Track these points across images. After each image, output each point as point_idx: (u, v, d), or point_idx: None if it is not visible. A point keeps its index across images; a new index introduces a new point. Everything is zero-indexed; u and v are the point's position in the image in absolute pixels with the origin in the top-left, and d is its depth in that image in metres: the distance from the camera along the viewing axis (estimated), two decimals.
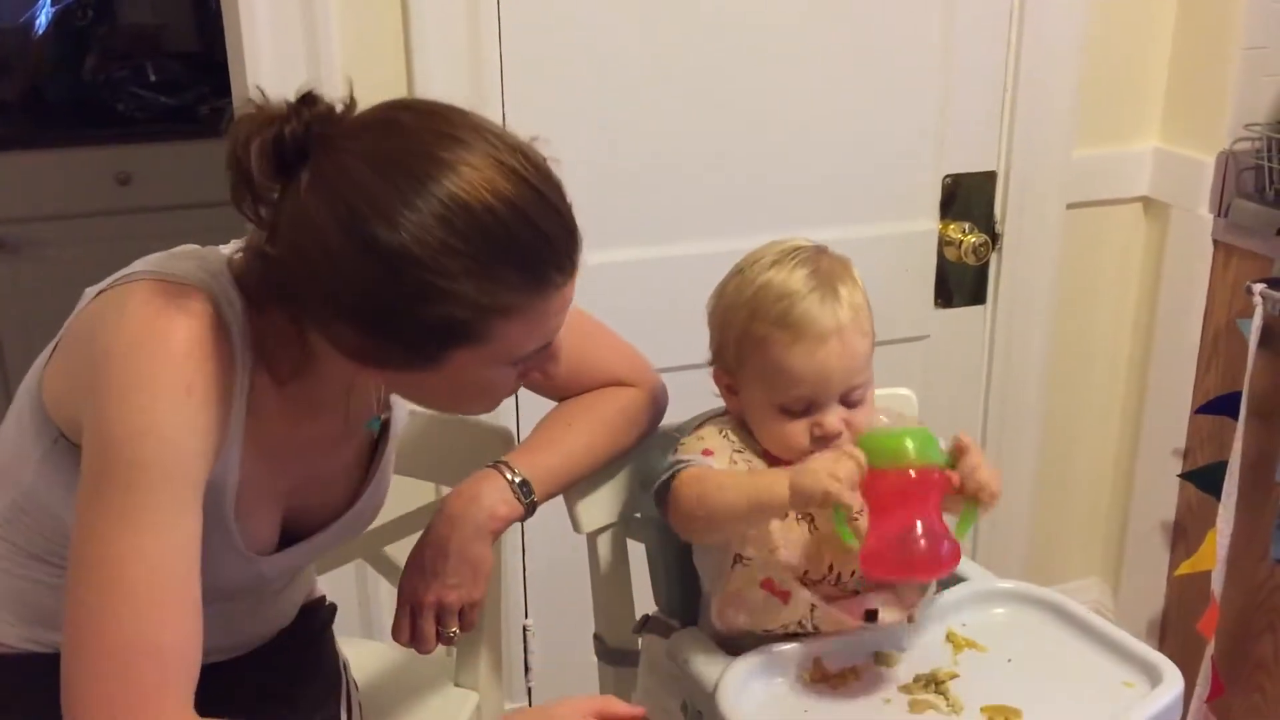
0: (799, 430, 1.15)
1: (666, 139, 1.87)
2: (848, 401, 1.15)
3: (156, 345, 0.95)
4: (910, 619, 1.16)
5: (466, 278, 0.93)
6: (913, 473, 1.06)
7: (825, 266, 1.16)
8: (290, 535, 1.16)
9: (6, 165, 2.85)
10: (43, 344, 1.15)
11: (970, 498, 1.09)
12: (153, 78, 2.99)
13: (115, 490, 0.93)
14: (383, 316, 0.95)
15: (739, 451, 1.18)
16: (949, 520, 1.09)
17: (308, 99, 0.96)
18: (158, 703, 0.93)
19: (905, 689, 1.11)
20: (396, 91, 1.72)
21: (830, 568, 1.14)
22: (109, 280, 1.03)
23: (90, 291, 1.05)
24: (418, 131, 0.95)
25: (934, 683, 1.11)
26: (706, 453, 1.18)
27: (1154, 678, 1.10)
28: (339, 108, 0.98)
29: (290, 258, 0.95)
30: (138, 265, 1.03)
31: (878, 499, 1.07)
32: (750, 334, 1.15)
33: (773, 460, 1.18)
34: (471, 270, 0.93)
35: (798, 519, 1.13)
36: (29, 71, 3.12)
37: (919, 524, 1.05)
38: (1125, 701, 1.08)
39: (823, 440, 1.14)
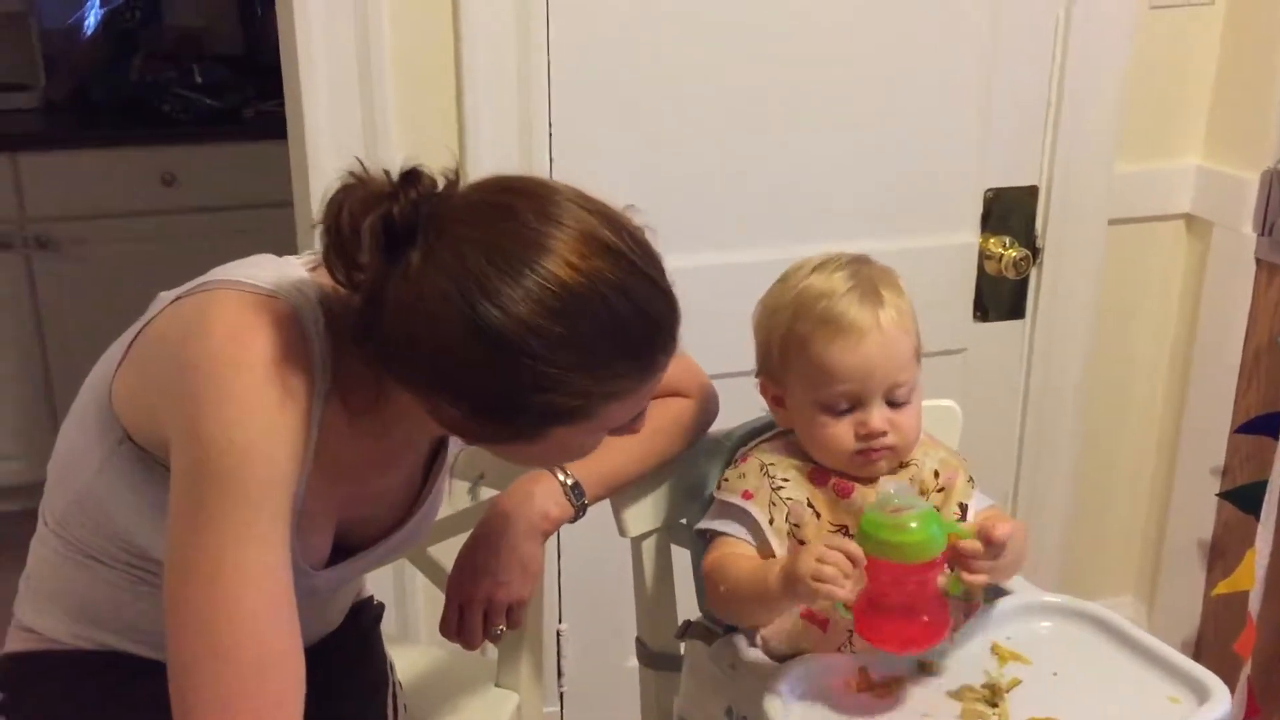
0: (843, 431, 1.16)
1: (709, 150, 1.88)
2: (892, 400, 1.16)
3: (248, 356, 0.94)
4: (950, 637, 1.17)
5: (578, 367, 0.94)
6: (910, 565, 1.07)
7: (866, 272, 1.18)
8: (340, 548, 1.17)
9: (53, 164, 2.90)
10: (86, 342, 1.15)
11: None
12: (198, 79, 3.02)
13: (217, 502, 0.92)
14: (492, 403, 0.95)
15: (779, 489, 1.18)
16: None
17: (413, 176, 0.96)
18: (281, 714, 0.93)
19: (956, 696, 1.11)
20: (444, 89, 1.75)
21: None
22: (186, 287, 1.03)
23: (166, 296, 1.05)
24: (525, 217, 0.94)
25: (994, 691, 1.11)
26: (746, 495, 1.19)
27: (1200, 694, 1.10)
28: (441, 183, 0.97)
29: (397, 334, 0.95)
30: (217, 273, 1.03)
31: (875, 583, 1.08)
32: (793, 334, 1.17)
33: (821, 481, 1.18)
34: (583, 360, 0.94)
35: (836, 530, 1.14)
36: (76, 72, 3.16)
37: (915, 605, 1.07)
38: (1172, 717, 1.08)
39: (868, 439, 1.15)
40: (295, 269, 1.05)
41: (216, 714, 0.91)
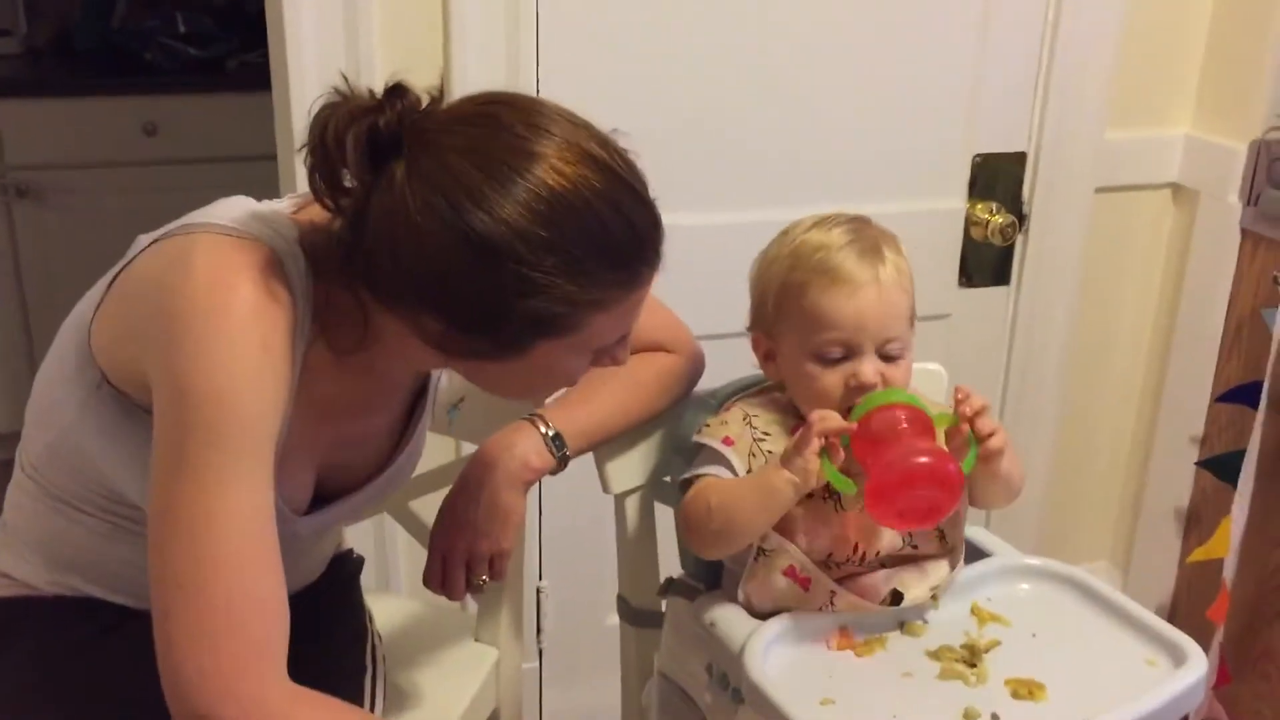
0: (834, 381, 1.15)
1: (696, 111, 1.86)
2: (884, 354, 1.15)
3: (230, 301, 0.94)
4: (934, 598, 1.17)
5: (563, 272, 0.94)
6: (902, 411, 1.08)
7: (868, 231, 1.19)
8: (321, 495, 1.17)
9: (34, 111, 2.86)
10: (66, 291, 1.14)
11: (970, 438, 1.11)
12: (182, 29, 2.98)
13: (198, 448, 0.92)
14: (477, 310, 0.95)
15: (760, 441, 1.18)
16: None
17: (398, 90, 0.96)
18: (264, 658, 0.93)
19: (934, 656, 1.12)
20: (431, 36, 1.73)
21: (856, 548, 1.15)
22: (164, 230, 1.03)
23: (144, 239, 1.04)
24: (512, 125, 0.95)
25: (973, 651, 1.11)
26: (727, 441, 1.19)
27: (1177, 658, 1.11)
28: (426, 99, 0.97)
29: (381, 249, 0.95)
30: (196, 216, 1.02)
31: (871, 440, 1.08)
32: (789, 283, 1.17)
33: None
34: (569, 265, 0.94)
35: (824, 498, 1.14)
36: (60, 18, 3.12)
37: (918, 444, 1.06)
38: (1149, 680, 1.09)
39: (858, 390, 1.14)
40: (274, 210, 1.04)
41: (199, 658, 0.91)
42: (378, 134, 0.94)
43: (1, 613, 1.18)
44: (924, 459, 1.05)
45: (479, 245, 0.92)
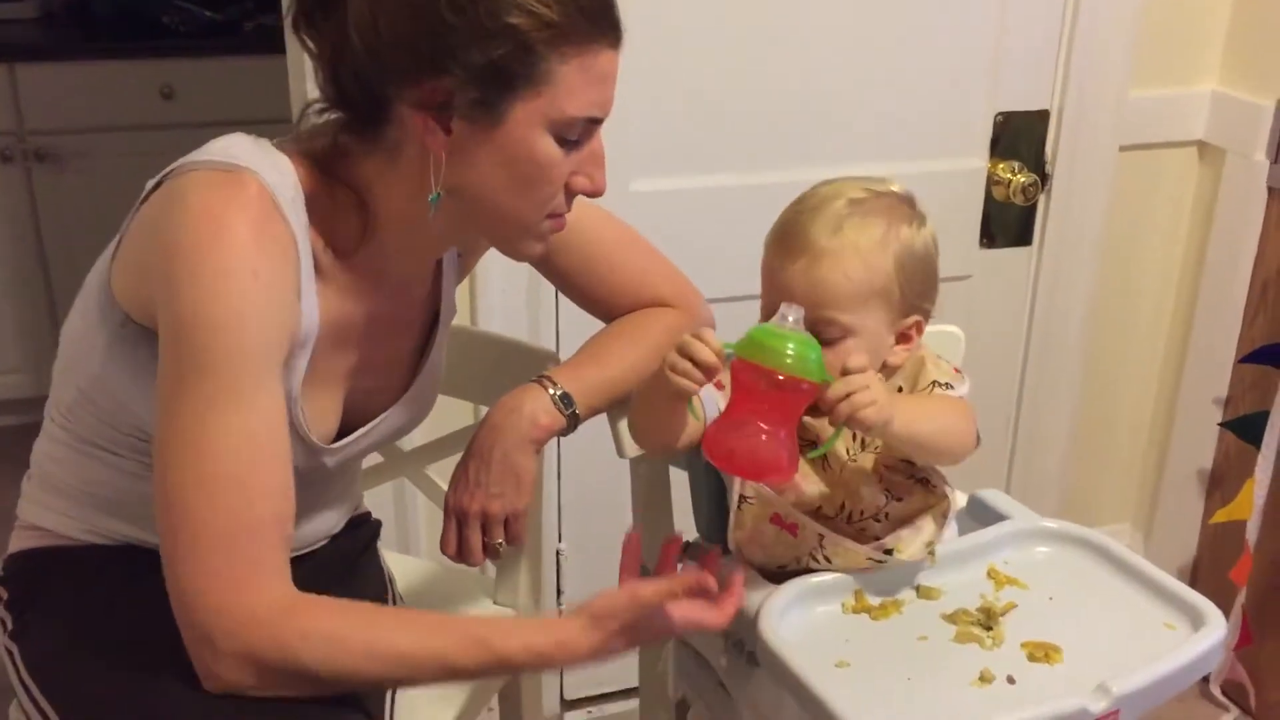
0: None
1: (719, 71, 1.84)
2: (818, 335, 1.08)
3: (219, 233, 0.98)
4: (931, 554, 1.16)
5: None
6: (780, 376, 1.02)
7: (867, 205, 1.14)
8: (348, 427, 1.19)
9: (51, 75, 2.86)
10: (86, 255, 1.17)
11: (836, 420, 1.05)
12: None
13: (194, 376, 0.97)
14: (452, 36, 0.99)
15: None
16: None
17: None
18: (261, 574, 0.98)
19: (950, 619, 1.11)
20: None
21: (843, 506, 1.15)
22: (164, 171, 1.06)
23: (150, 184, 1.08)
24: None
25: (989, 615, 1.11)
26: (718, 385, 1.17)
27: (1195, 621, 1.10)
28: None
29: (369, 31, 1.00)
30: (192, 155, 1.05)
31: (740, 389, 1.06)
32: (767, 238, 1.18)
33: None
34: None
35: (804, 452, 1.10)
36: None
37: (762, 424, 1.03)
38: (1166, 643, 1.08)
39: None
40: (265, 142, 1.08)
41: (195, 577, 0.97)
42: None
43: (34, 562, 1.20)
44: (753, 445, 1.03)
45: None
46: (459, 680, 1.16)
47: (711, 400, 1.15)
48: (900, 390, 1.18)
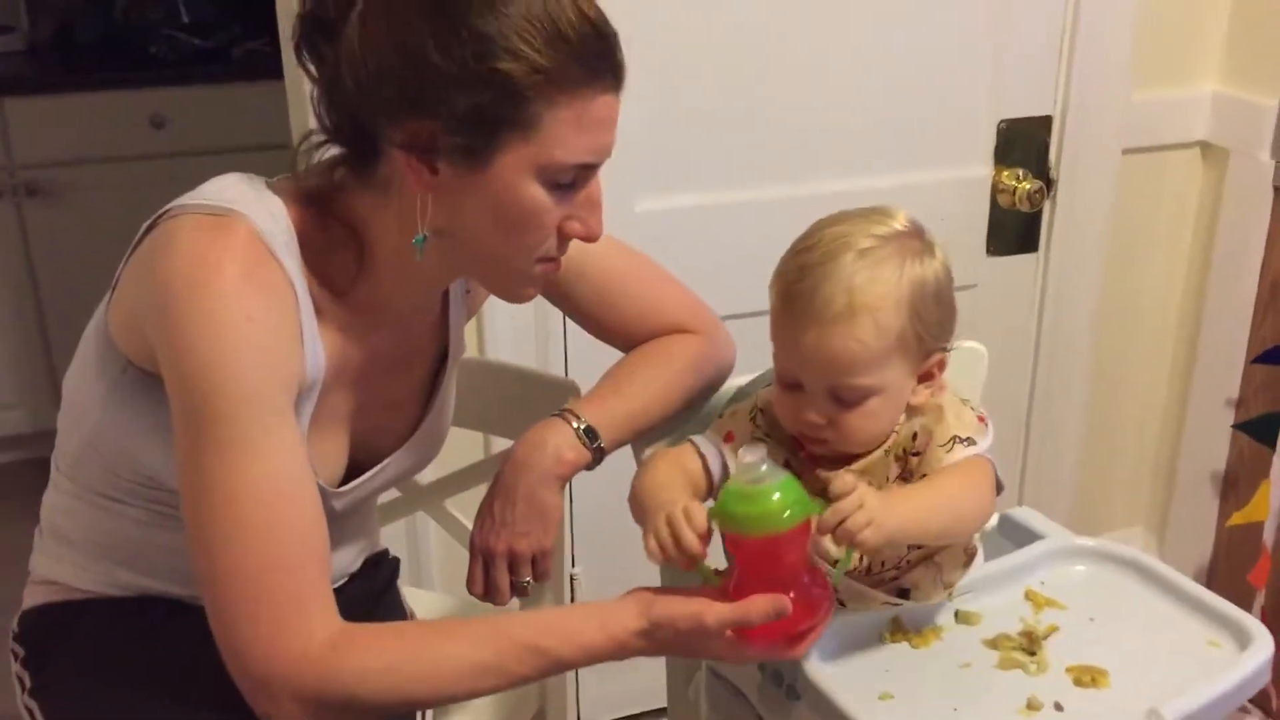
0: (790, 407, 1.10)
1: (720, 86, 1.83)
2: (839, 399, 1.07)
3: (210, 279, 0.97)
4: (949, 596, 1.14)
5: (521, 38, 0.96)
6: (763, 539, 0.98)
7: (875, 253, 1.06)
8: (356, 469, 1.18)
9: (40, 108, 2.84)
10: (80, 288, 1.16)
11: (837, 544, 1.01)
12: (185, 19, 2.95)
13: (203, 426, 0.96)
14: (439, 78, 0.97)
15: (762, 441, 1.12)
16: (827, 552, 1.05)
17: None
18: (304, 613, 0.97)
19: (992, 644, 1.09)
20: None
21: (860, 558, 1.11)
22: (157, 214, 1.05)
23: (143, 227, 1.06)
24: None
25: (1031, 639, 1.09)
26: (728, 438, 1.16)
27: (1241, 639, 1.08)
28: None
29: (358, 61, 0.98)
30: (182, 198, 1.04)
31: (737, 553, 1.02)
32: (773, 282, 1.11)
33: (798, 444, 1.14)
34: (526, 33, 0.96)
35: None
36: (61, 12, 3.08)
37: (781, 585, 0.99)
38: (1214, 662, 1.07)
39: (808, 426, 1.09)
40: (259, 183, 1.06)
41: (242, 627, 0.96)
42: None
43: (48, 618, 1.18)
44: (788, 639, 1.01)
45: (444, 10, 0.96)
46: (517, 687, 1.13)
47: (716, 454, 1.15)
48: (915, 438, 1.11)
